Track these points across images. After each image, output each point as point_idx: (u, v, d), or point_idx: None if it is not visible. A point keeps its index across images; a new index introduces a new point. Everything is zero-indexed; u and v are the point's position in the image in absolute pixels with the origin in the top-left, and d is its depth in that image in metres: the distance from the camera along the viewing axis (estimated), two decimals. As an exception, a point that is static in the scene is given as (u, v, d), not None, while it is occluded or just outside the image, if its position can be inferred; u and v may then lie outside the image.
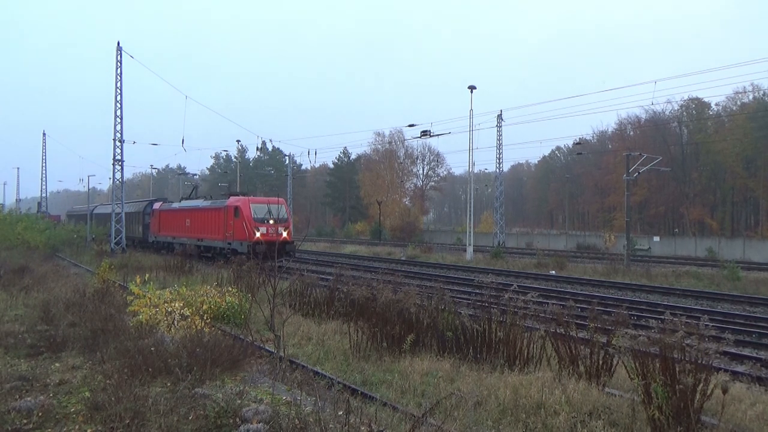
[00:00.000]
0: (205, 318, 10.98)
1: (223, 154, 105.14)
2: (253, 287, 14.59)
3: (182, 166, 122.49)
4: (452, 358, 9.14)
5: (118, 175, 37.83)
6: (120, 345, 8.44)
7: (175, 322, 10.43)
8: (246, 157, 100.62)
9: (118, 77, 35.99)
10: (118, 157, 37.04)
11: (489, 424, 6.39)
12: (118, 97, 36.24)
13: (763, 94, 62.98)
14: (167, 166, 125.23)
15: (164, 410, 5.67)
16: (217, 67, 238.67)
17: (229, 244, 29.04)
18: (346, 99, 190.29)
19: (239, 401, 5.87)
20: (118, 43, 36.00)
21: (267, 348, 9.75)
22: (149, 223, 41.85)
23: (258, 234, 27.54)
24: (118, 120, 36.32)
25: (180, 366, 7.14)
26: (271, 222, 28.22)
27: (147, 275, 14.02)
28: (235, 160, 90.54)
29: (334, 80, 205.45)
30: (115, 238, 37.84)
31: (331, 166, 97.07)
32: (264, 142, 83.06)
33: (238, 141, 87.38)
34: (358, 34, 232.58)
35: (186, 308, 11.00)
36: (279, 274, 9.96)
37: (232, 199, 30.80)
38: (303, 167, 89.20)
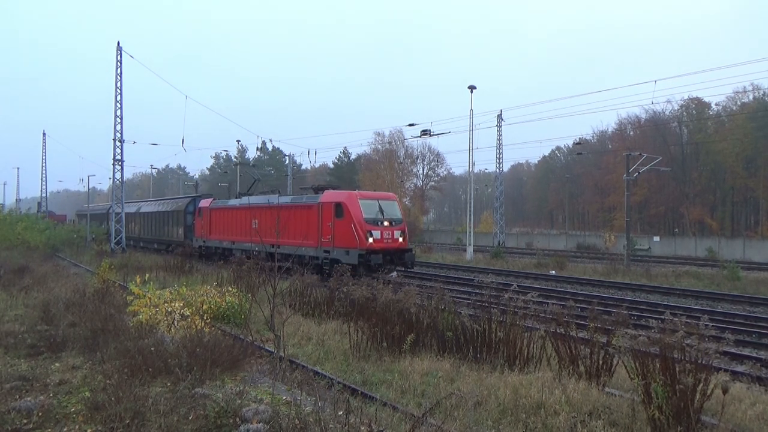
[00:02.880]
0: (205, 318, 10.98)
1: (223, 154, 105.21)
2: (253, 287, 14.57)
3: (182, 165, 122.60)
4: (452, 358, 9.15)
5: (118, 175, 37.85)
6: (120, 345, 8.44)
7: (175, 322, 10.44)
8: (246, 157, 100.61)
9: (118, 77, 36.02)
10: (118, 157, 37.06)
11: (489, 424, 6.39)
12: (118, 97, 36.27)
13: (763, 94, 62.97)
14: (167, 166, 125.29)
15: (164, 410, 5.67)
16: (217, 67, 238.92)
17: (327, 252, 21.91)
18: (346, 99, 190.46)
19: (239, 401, 5.87)
20: (118, 43, 36.05)
21: (267, 348, 9.75)
22: (193, 225, 34.57)
23: (371, 240, 20.72)
24: (118, 120, 36.35)
25: (180, 366, 7.14)
26: (386, 224, 21.59)
27: (147, 275, 14.02)
28: (235, 160, 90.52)
29: (334, 80, 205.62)
30: (115, 237, 37.84)
31: (331, 166, 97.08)
32: (264, 142, 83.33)
33: (238, 141, 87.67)
34: (359, 34, 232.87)
35: (186, 308, 11.01)
36: (279, 274, 9.93)
37: (330, 193, 23.63)
38: (303, 167, 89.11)
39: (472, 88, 37.68)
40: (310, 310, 13.78)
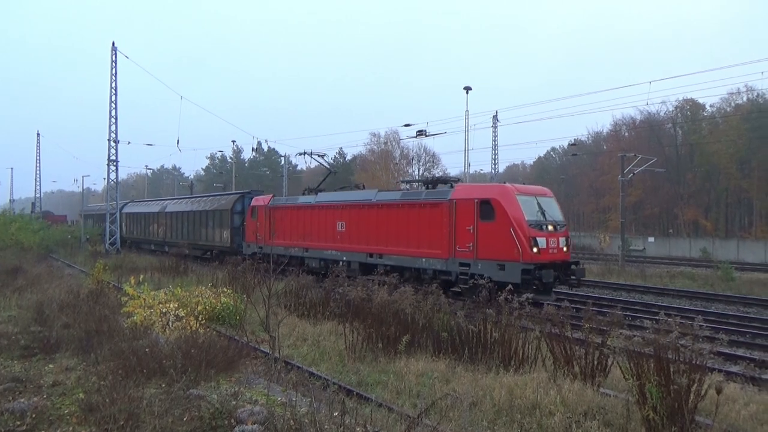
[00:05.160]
0: (200, 319, 10.97)
1: (219, 154, 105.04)
2: (248, 288, 14.57)
3: (177, 166, 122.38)
4: (448, 359, 9.16)
5: (112, 176, 37.73)
6: (114, 346, 8.41)
7: (170, 323, 10.42)
8: (241, 157, 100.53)
9: (113, 77, 35.92)
10: (113, 158, 36.95)
11: (484, 425, 6.41)
12: (113, 98, 36.16)
13: (757, 96, 63.28)
14: (162, 166, 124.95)
15: (159, 412, 5.66)
16: (214, 68, 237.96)
17: (466, 266, 16.57)
18: (342, 99, 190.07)
19: (234, 402, 5.86)
20: (113, 44, 35.94)
21: (262, 349, 9.74)
22: (241, 227, 29.09)
23: (535, 250, 15.53)
24: (113, 120, 36.24)
25: (175, 367, 7.12)
26: (550, 228, 16.39)
27: (141, 276, 13.98)
28: (230, 160, 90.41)
29: (330, 80, 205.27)
30: (110, 238, 37.72)
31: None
32: (259, 143, 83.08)
33: (233, 141, 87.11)
34: (355, 35, 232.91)
35: (181, 309, 10.99)
36: (274, 275, 9.94)
37: (467, 187, 18.61)
38: (299, 167, 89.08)
39: (467, 89, 37.80)
40: (305, 311, 13.76)
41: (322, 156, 29.72)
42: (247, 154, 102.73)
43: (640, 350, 6.63)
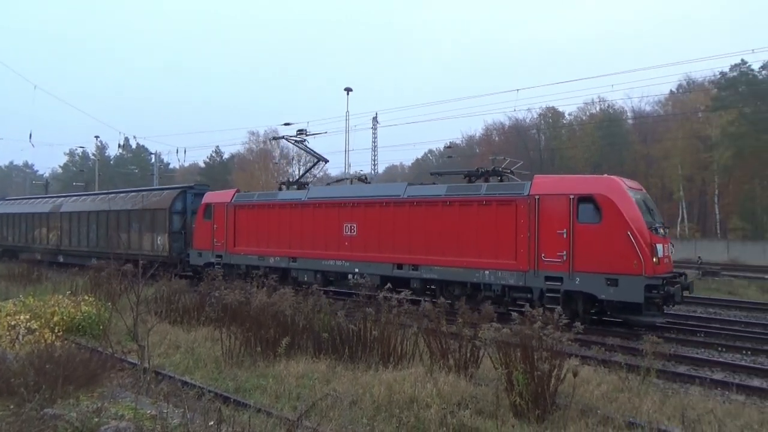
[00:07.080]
0: (56, 330, 10.05)
1: (79, 150, 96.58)
2: (113, 295, 13.58)
3: (30, 163, 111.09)
4: (328, 359, 9.16)
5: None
6: (-50, 366, 7.42)
7: (20, 337, 9.42)
8: (106, 154, 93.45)
9: (-51, 61, 31.71)
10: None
11: (364, 422, 6.48)
12: (-51, 84, 31.91)
13: (608, 106, 70.56)
14: (11, 162, 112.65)
15: (5, 436, 5.07)
16: (73, 55, 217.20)
17: (556, 280, 13.21)
18: (219, 94, 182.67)
19: (97, 419, 5.42)
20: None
21: (130, 360, 9.11)
22: (183, 231, 23.54)
23: (655, 260, 12.44)
24: (-51, 110, 31.97)
25: (26, 385, 6.41)
26: (661, 232, 13.36)
27: (-15, 285, 12.49)
28: (93, 157, 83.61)
29: (207, 73, 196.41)
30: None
31: (202, 165, 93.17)
32: (127, 139, 77.63)
33: (96, 137, 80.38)
34: (236, 28, 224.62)
35: (33, 321, 10.00)
36: (144, 279, 9.31)
37: (554, 179, 14.83)
38: (171, 166, 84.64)
39: (348, 90, 38.22)
40: (178, 317, 13.06)
41: (303, 142, 24.39)
42: (113, 151, 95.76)
43: (508, 341, 7.10)
